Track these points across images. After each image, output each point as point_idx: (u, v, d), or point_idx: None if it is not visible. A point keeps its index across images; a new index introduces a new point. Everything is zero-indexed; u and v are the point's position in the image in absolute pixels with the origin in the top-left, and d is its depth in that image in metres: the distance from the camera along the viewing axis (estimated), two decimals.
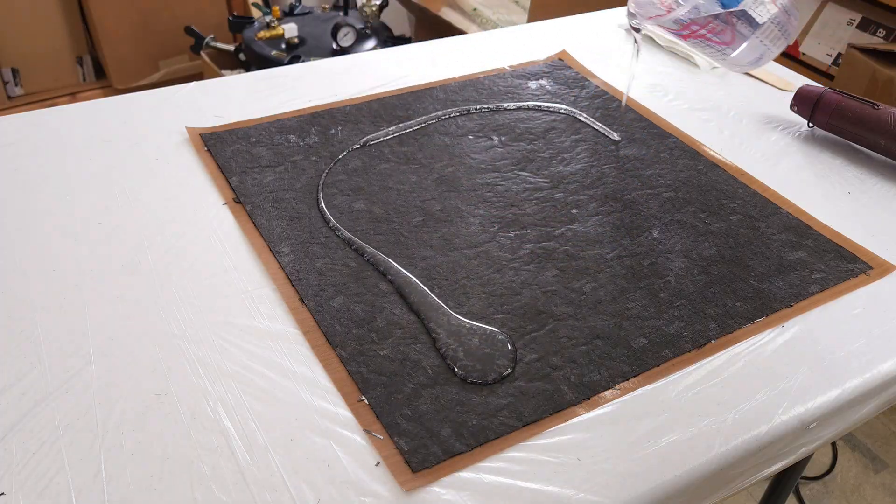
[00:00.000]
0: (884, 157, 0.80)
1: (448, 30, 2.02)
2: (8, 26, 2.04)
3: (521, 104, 0.85)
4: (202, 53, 2.04)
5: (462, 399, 0.50)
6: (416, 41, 1.62)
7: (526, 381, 0.52)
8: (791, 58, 1.55)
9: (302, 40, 1.91)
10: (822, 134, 0.84)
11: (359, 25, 1.94)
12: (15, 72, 2.13)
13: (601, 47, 0.99)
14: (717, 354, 0.55)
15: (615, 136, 0.79)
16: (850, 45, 1.35)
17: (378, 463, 0.46)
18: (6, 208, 0.64)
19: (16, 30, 2.06)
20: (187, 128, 0.76)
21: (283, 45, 1.88)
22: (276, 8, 1.95)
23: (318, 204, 0.67)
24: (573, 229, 0.67)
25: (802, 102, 0.83)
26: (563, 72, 0.92)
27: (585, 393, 0.51)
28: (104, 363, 0.51)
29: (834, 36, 1.49)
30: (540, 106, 0.85)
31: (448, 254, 0.63)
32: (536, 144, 0.78)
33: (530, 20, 1.92)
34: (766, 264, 0.64)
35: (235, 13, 2.19)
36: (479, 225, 0.66)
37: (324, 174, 0.71)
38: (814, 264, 0.64)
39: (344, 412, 0.49)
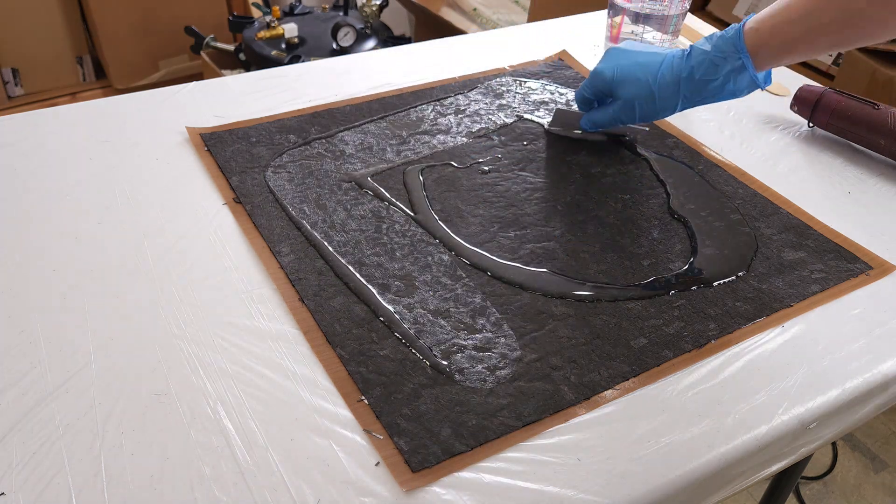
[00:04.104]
0: (884, 157, 0.80)
1: (448, 30, 2.02)
2: (8, 26, 2.04)
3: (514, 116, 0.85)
4: (202, 53, 2.04)
5: (462, 399, 0.50)
6: (416, 41, 1.62)
7: (526, 381, 0.52)
8: None
9: (302, 40, 1.91)
10: (822, 134, 0.84)
11: (359, 25, 1.94)
12: (15, 72, 2.13)
13: (601, 47, 0.99)
14: (717, 354, 0.55)
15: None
16: None
17: (378, 463, 0.46)
18: (6, 208, 0.64)
19: (16, 30, 2.06)
20: (187, 128, 0.76)
21: (283, 45, 1.88)
22: (276, 8, 1.95)
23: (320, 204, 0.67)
24: (573, 229, 0.67)
25: (802, 102, 0.83)
26: (563, 72, 0.92)
27: (585, 393, 0.51)
28: (104, 363, 0.51)
29: None
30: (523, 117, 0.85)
31: (449, 253, 0.63)
32: (536, 144, 0.78)
33: (530, 20, 1.92)
34: (766, 264, 0.64)
35: (235, 13, 2.19)
36: (479, 225, 0.66)
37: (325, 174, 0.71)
38: (814, 264, 0.64)
39: (344, 412, 0.49)
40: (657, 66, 0.69)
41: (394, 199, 0.68)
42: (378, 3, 1.99)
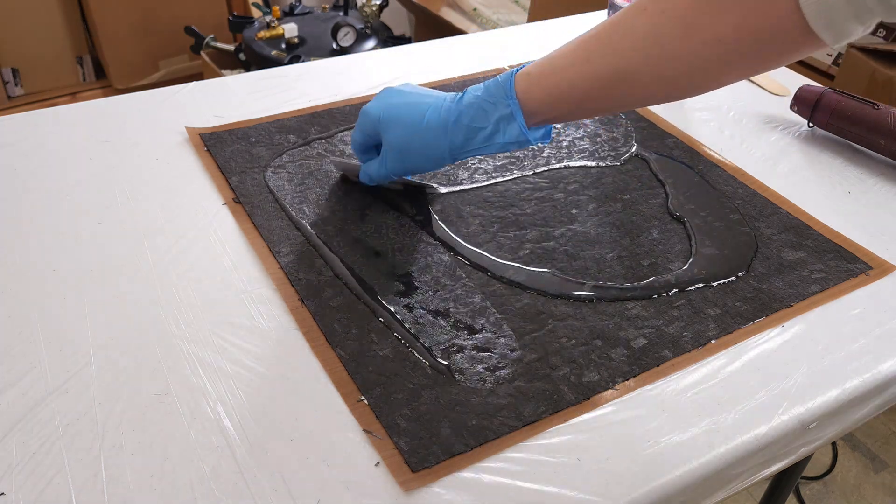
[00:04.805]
0: (884, 157, 0.80)
1: (448, 30, 2.02)
2: (8, 26, 2.04)
3: None
4: (202, 53, 2.04)
5: (462, 399, 0.50)
6: (416, 41, 1.62)
7: (525, 381, 0.52)
8: None
9: (302, 40, 1.91)
10: (822, 134, 0.84)
11: (359, 25, 1.94)
12: (15, 72, 2.13)
13: None
14: (717, 354, 0.55)
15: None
16: (851, 45, 1.35)
17: (378, 463, 0.46)
18: (6, 208, 0.64)
19: (16, 30, 2.06)
20: (187, 128, 0.76)
21: (283, 45, 1.88)
22: (276, 8, 1.95)
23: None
24: (573, 229, 0.67)
25: (803, 102, 0.83)
26: None
27: (585, 393, 0.51)
28: (104, 363, 0.51)
29: None
30: None
31: (449, 253, 0.63)
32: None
33: (530, 20, 1.92)
34: (766, 264, 0.64)
35: (235, 13, 2.19)
36: (479, 225, 0.66)
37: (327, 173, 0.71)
38: (814, 264, 0.64)
39: (344, 412, 0.49)
40: (426, 108, 0.61)
41: (395, 199, 0.68)
42: (378, 3, 1.99)
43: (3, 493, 0.43)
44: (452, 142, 0.60)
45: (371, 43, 1.93)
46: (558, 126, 0.81)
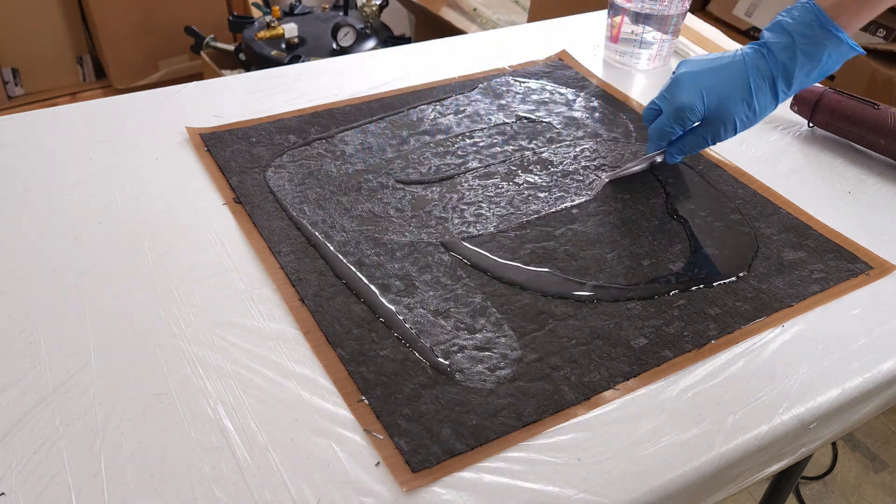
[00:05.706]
0: (884, 157, 0.80)
1: (448, 30, 2.02)
2: (8, 26, 2.04)
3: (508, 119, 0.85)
4: (202, 53, 2.04)
5: (462, 399, 0.50)
6: (416, 41, 1.62)
7: (526, 381, 0.52)
8: None
9: (302, 40, 1.91)
10: (822, 134, 0.84)
11: (359, 25, 1.94)
12: (15, 72, 2.13)
13: (601, 47, 0.99)
14: (717, 354, 0.55)
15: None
16: None
17: (378, 463, 0.46)
18: (6, 208, 0.64)
19: (16, 30, 2.06)
20: (187, 128, 0.76)
21: (283, 45, 1.88)
22: (276, 8, 1.95)
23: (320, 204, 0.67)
24: (573, 229, 0.67)
25: (802, 102, 0.83)
26: (563, 72, 0.92)
27: (585, 393, 0.51)
28: (104, 363, 0.51)
29: None
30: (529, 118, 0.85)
31: (449, 253, 0.63)
32: (536, 144, 0.78)
33: (530, 20, 1.92)
34: (766, 264, 0.64)
35: (235, 13, 2.19)
36: (480, 224, 0.66)
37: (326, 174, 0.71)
38: (814, 264, 0.64)
39: (344, 412, 0.49)
40: (745, 76, 0.67)
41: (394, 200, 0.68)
42: (378, 3, 1.99)
43: (3, 493, 0.43)
44: (782, 91, 0.67)
45: (371, 43, 1.93)
46: (557, 126, 0.81)
